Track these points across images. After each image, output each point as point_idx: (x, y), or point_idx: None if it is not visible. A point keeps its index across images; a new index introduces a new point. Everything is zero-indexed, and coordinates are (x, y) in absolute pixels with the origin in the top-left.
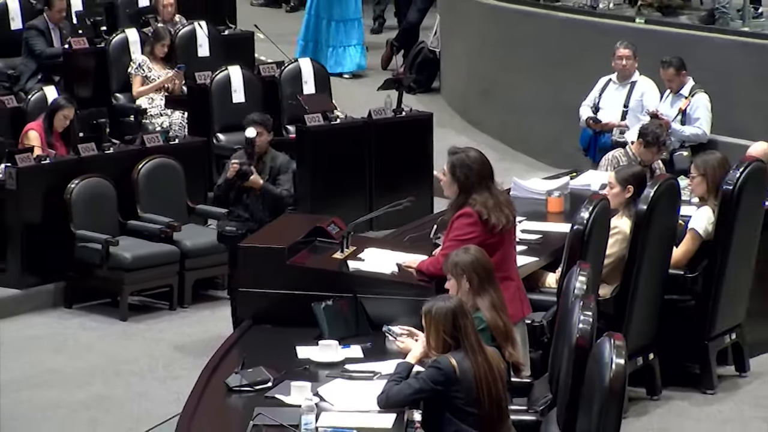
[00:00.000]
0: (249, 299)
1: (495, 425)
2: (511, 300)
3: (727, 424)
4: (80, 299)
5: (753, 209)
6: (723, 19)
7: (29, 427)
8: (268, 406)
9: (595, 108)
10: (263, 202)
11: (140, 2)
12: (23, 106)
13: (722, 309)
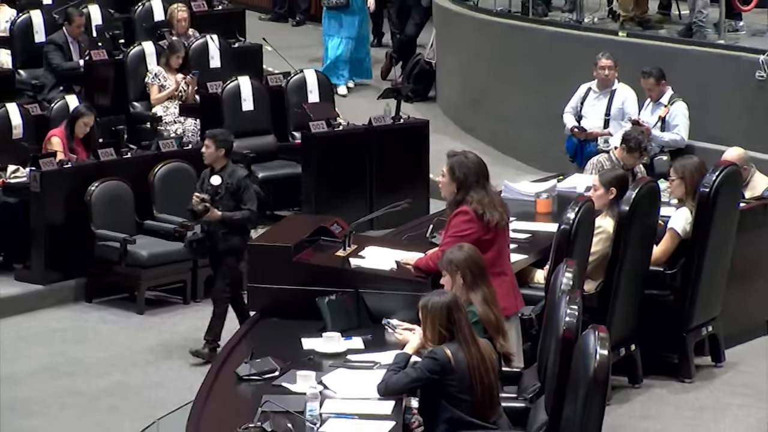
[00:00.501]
0: (257, 294)
1: (487, 411)
2: (506, 295)
3: (704, 411)
4: (100, 294)
5: (728, 210)
6: (700, 33)
7: (53, 413)
8: (275, 393)
9: (577, 116)
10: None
11: (156, 17)
12: (46, 113)
13: (699, 303)
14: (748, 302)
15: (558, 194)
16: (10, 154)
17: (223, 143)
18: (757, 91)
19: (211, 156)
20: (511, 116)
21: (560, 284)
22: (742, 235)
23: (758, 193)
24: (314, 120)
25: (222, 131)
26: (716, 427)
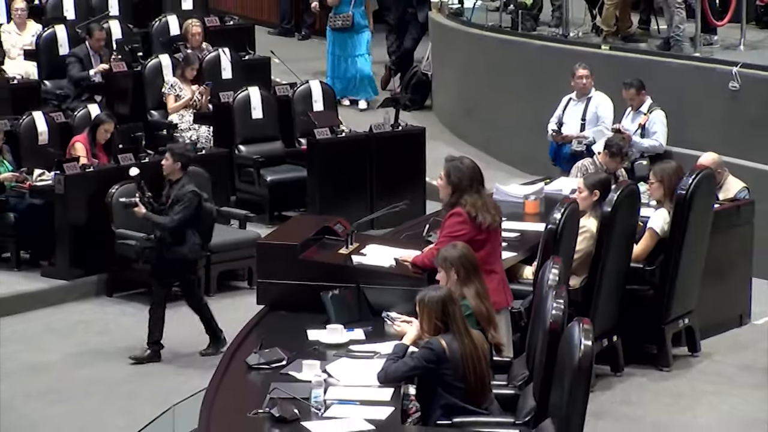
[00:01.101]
0: (266, 289)
1: (479, 398)
2: (497, 290)
3: (681, 398)
4: (119, 289)
5: (703, 211)
6: (677, 46)
7: (77, 399)
8: (282, 381)
9: (559, 124)
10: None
11: (172, 31)
12: (70, 121)
13: (676, 298)
14: (722, 297)
15: (545, 196)
16: (37, 159)
17: (180, 157)
18: (731, 101)
19: (169, 168)
20: (502, 124)
21: (547, 280)
22: (716, 234)
23: (731, 195)
24: (319, 127)
25: (182, 146)
26: (692, 413)
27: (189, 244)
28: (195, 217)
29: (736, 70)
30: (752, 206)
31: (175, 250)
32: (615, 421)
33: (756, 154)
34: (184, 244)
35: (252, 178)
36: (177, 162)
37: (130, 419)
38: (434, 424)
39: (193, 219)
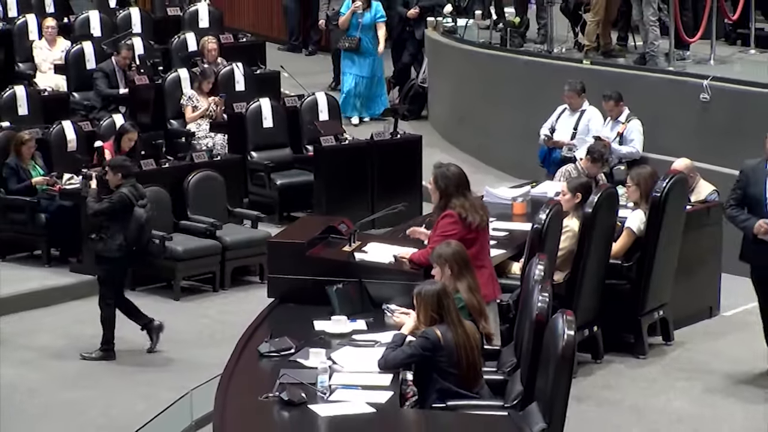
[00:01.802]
0: (276, 283)
1: (471, 383)
2: (486, 284)
3: (656, 383)
4: (142, 283)
5: (676, 212)
6: (653, 61)
7: (102, 384)
8: (291, 368)
9: (551, 130)
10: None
11: (189, 47)
12: (96, 130)
13: (651, 291)
14: (693, 291)
15: (531, 198)
16: (66, 165)
17: (119, 168)
18: (702, 111)
19: (111, 179)
20: (492, 132)
21: (533, 275)
22: (688, 233)
23: (702, 198)
24: (324, 135)
25: (120, 159)
26: (666, 397)
27: (114, 243)
28: (121, 217)
29: (707, 83)
30: (721, 208)
31: (100, 247)
32: (596, 405)
33: (725, 159)
34: (110, 241)
35: (263, 182)
36: (117, 173)
37: (149, 403)
38: (430, 407)
39: (118, 218)
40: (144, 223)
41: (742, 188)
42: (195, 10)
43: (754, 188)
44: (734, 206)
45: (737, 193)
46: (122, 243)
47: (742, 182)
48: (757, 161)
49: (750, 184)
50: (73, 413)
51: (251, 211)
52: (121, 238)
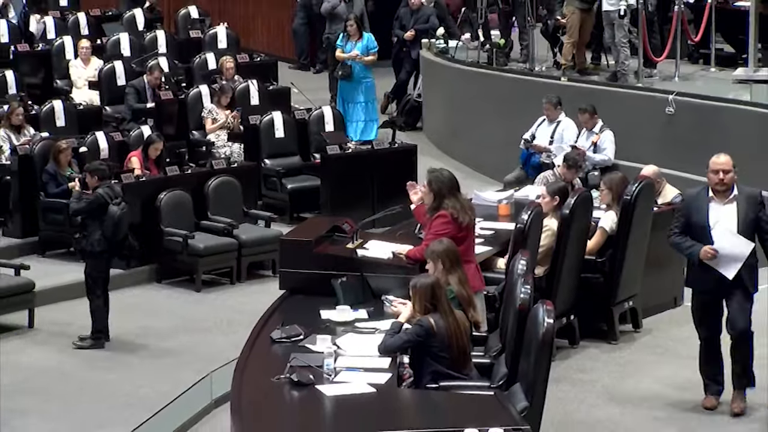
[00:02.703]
0: (287, 277)
1: (461, 366)
2: (473, 277)
3: (626, 366)
4: (167, 277)
5: (644, 214)
6: (623, 78)
7: (132, 367)
8: (300, 352)
9: (532, 137)
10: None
11: (209, 66)
12: (126, 139)
13: (622, 284)
14: (660, 283)
15: (515, 201)
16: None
17: (95, 171)
18: (667, 123)
19: (90, 182)
20: (480, 142)
21: (517, 269)
22: (655, 232)
23: (668, 200)
24: (330, 144)
25: (96, 163)
26: (635, 379)
27: (93, 238)
28: (98, 215)
29: (672, 97)
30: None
31: (83, 244)
32: (572, 385)
33: (688, 166)
34: (89, 237)
35: (275, 186)
36: (93, 176)
37: (173, 384)
38: (424, 388)
39: (95, 216)
40: (118, 220)
41: (685, 216)
42: (214, 32)
43: (697, 216)
44: (677, 234)
45: (680, 221)
46: (100, 238)
47: (684, 211)
48: (698, 190)
49: (693, 212)
50: (105, 394)
51: (265, 213)
52: (99, 233)
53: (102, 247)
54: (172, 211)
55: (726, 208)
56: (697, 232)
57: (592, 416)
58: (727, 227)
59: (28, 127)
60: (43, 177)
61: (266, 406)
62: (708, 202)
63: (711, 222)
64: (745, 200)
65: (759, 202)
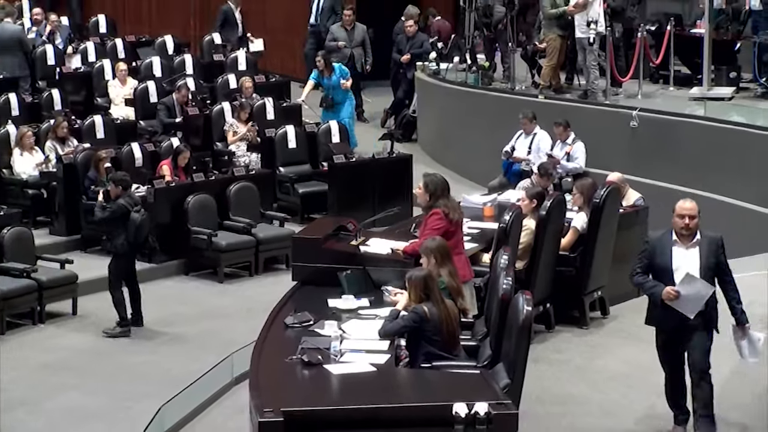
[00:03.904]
0: (299, 270)
1: (451, 348)
2: (463, 267)
3: (596, 348)
4: (193, 270)
5: (611, 215)
6: (593, 96)
7: (162, 350)
8: (310, 336)
9: (512, 149)
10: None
11: (231, 85)
12: (158, 150)
13: (592, 276)
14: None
15: (498, 204)
16: (134, 177)
17: (119, 182)
18: (631, 135)
19: (113, 191)
20: (467, 152)
21: (500, 263)
22: (620, 231)
23: (631, 203)
24: (336, 154)
25: (120, 174)
26: (604, 359)
27: (118, 242)
28: (122, 222)
29: (635, 113)
30: (646, 210)
31: (109, 246)
32: (548, 365)
33: (649, 173)
34: (114, 240)
35: (289, 191)
36: (118, 186)
37: (199, 364)
38: (419, 367)
39: (119, 223)
40: (140, 224)
41: (648, 258)
42: (235, 56)
43: (661, 258)
44: (640, 273)
45: (643, 262)
46: (124, 242)
47: (648, 252)
48: (661, 232)
49: (656, 254)
50: (139, 372)
51: (279, 214)
52: (123, 237)
53: (125, 249)
54: (198, 213)
55: (689, 252)
56: (660, 274)
57: (566, 391)
58: (690, 271)
59: (72, 138)
60: (84, 183)
61: (280, 383)
62: (672, 245)
63: (674, 265)
64: (707, 245)
65: (719, 246)
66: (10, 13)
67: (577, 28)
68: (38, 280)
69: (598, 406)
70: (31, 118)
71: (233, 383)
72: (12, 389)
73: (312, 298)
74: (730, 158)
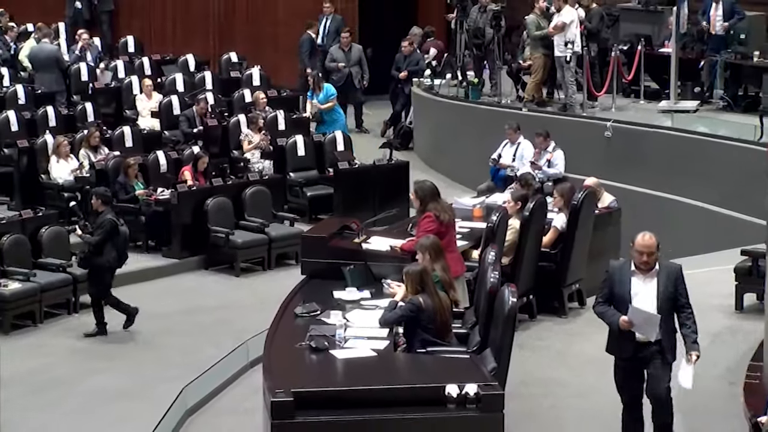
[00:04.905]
0: (307, 265)
1: (444, 335)
2: (455, 263)
3: (573, 336)
4: (213, 265)
5: (588, 216)
6: (571, 109)
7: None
8: (317, 324)
9: (498, 156)
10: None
11: (246, 99)
12: (181, 157)
13: (570, 270)
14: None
15: (486, 205)
16: (159, 181)
17: (100, 196)
18: (606, 144)
19: (95, 204)
20: (459, 159)
21: (487, 259)
22: (596, 230)
23: (606, 205)
24: (341, 161)
25: (102, 189)
26: (581, 345)
27: (107, 257)
28: (112, 238)
29: (610, 124)
30: (619, 212)
31: (97, 260)
32: (531, 351)
33: (622, 178)
34: (104, 256)
35: (298, 194)
36: (99, 200)
37: (218, 350)
38: (415, 352)
39: (110, 239)
40: (126, 237)
41: (609, 287)
42: (250, 73)
43: (620, 287)
44: (602, 303)
45: (605, 292)
46: (115, 256)
47: (609, 282)
48: (622, 262)
49: (616, 283)
50: (163, 356)
51: (289, 214)
52: (115, 251)
53: (115, 263)
54: (217, 214)
55: (647, 282)
56: (619, 303)
57: (548, 375)
58: (647, 300)
59: (103, 147)
60: (115, 186)
61: (291, 366)
62: (631, 275)
63: (632, 294)
64: (665, 275)
65: (678, 277)
66: (48, 35)
67: (556, 47)
68: (73, 274)
69: (576, 388)
70: (67, 128)
71: (248, 367)
72: (48, 371)
73: (319, 290)
74: (694, 164)
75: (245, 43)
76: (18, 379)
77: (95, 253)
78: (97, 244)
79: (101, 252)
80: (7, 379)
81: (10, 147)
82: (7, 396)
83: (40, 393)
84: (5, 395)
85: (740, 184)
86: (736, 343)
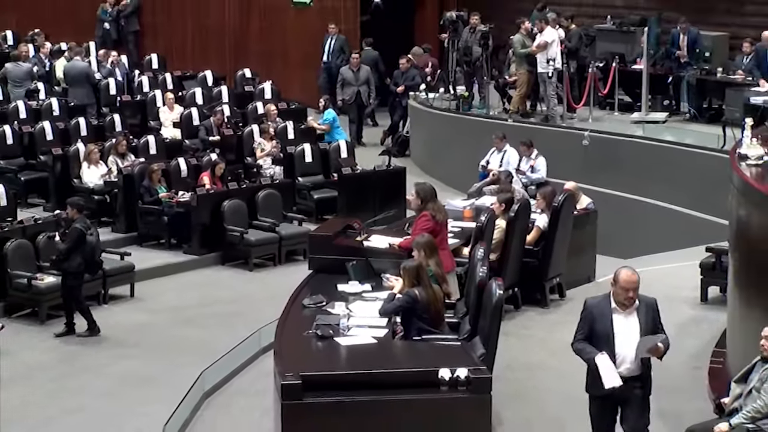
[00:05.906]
0: (314, 261)
1: (437, 324)
2: (447, 259)
3: (555, 324)
4: (228, 260)
5: (567, 216)
6: (552, 120)
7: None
8: (323, 314)
9: (487, 163)
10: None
11: (259, 111)
12: (200, 164)
13: (552, 266)
14: (578, 265)
15: (475, 207)
16: (180, 185)
17: (74, 205)
18: (584, 152)
19: (70, 212)
20: (451, 165)
21: (477, 255)
22: (575, 229)
23: (584, 206)
24: (344, 167)
25: (77, 199)
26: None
27: (75, 263)
28: (79, 246)
29: (587, 133)
30: (596, 213)
31: (64, 266)
32: (517, 338)
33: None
34: (70, 262)
35: (306, 196)
36: (73, 209)
37: (233, 338)
38: (411, 339)
39: (77, 247)
40: (95, 245)
41: (588, 324)
42: (262, 87)
43: (600, 324)
44: (581, 340)
45: (584, 329)
46: (81, 261)
47: (587, 319)
48: (600, 298)
49: (596, 320)
50: (184, 344)
51: (298, 215)
52: (80, 258)
53: (81, 268)
54: (232, 215)
55: (629, 319)
56: (600, 341)
57: (531, 360)
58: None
59: (130, 154)
60: (140, 190)
61: (299, 352)
62: (612, 313)
63: (615, 332)
64: (645, 311)
65: (654, 310)
66: (79, 53)
67: (539, 64)
68: (102, 269)
69: (556, 371)
70: (97, 137)
71: (261, 353)
72: (80, 357)
73: (325, 283)
74: (663, 170)
75: (258, 60)
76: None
77: (63, 260)
78: (65, 251)
79: (68, 258)
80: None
81: (46, 154)
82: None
83: (70, 377)
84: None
85: (705, 188)
86: (701, 332)
